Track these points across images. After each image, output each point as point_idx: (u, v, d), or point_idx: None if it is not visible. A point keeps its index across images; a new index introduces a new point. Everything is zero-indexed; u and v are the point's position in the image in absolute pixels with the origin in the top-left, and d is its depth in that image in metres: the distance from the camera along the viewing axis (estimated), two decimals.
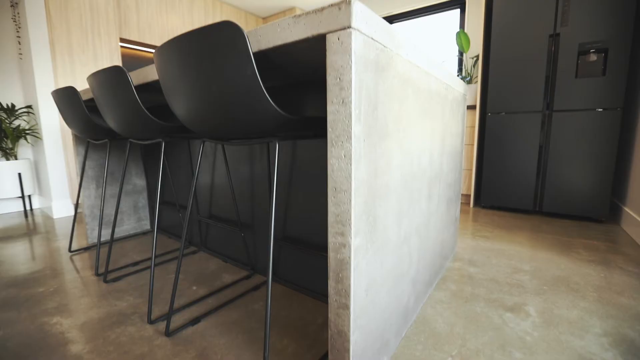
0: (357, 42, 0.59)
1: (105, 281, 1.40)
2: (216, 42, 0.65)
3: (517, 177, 2.44)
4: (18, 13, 2.41)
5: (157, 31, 3.23)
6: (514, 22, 2.33)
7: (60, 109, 1.52)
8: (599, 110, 2.10)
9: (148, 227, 2.17)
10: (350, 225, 0.64)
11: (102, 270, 1.53)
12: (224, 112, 0.74)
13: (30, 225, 2.31)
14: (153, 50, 3.39)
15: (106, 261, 1.56)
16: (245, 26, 4.16)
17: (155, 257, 1.56)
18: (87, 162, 1.85)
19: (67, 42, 2.45)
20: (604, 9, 2.02)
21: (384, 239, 0.79)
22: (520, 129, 2.39)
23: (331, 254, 0.68)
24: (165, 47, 0.76)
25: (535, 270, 1.48)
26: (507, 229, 2.10)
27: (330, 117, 0.63)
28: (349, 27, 0.58)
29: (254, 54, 0.72)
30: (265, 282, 1.38)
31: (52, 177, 2.46)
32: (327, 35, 0.61)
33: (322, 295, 1.23)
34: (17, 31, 2.46)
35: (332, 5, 0.59)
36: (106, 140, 1.51)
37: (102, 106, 1.18)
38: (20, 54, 2.51)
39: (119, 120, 1.14)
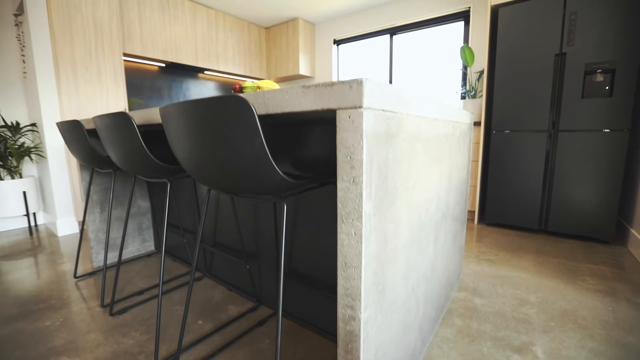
0: (368, 120, 0.59)
1: (111, 314, 1.40)
2: (223, 113, 0.65)
3: (522, 195, 2.43)
4: (22, 32, 2.41)
5: (160, 45, 3.23)
6: (519, 40, 2.31)
7: (65, 139, 1.52)
8: (606, 131, 2.08)
9: (152, 248, 2.17)
10: (360, 299, 0.63)
11: (107, 299, 1.54)
12: (231, 175, 0.73)
13: (35, 244, 2.32)
14: (156, 63, 3.40)
15: (112, 291, 1.56)
16: (249, 35, 4.15)
17: (157, 286, 1.56)
18: (91, 187, 1.85)
19: (71, 60, 2.46)
20: (611, 30, 2.00)
21: (393, 299, 0.78)
22: (525, 147, 2.38)
23: (340, 324, 0.67)
24: (172, 109, 0.75)
25: (541, 302, 1.47)
26: (512, 251, 2.09)
27: (340, 194, 0.62)
28: (360, 107, 0.57)
29: (260, 116, 0.72)
30: (272, 316, 1.37)
31: (56, 195, 2.47)
32: (338, 112, 0.60)
33: (328, 333, 1.22)
34: (22, 50, 2.46)
35: (342, 82, 0.58)
36: (111, 170, 1.50)
37: (107, 145, 1.18)
38: (25, 72, 2.52)
39: (124, 160, 1.14)
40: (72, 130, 1.43)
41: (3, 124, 2.53)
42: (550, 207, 2.33)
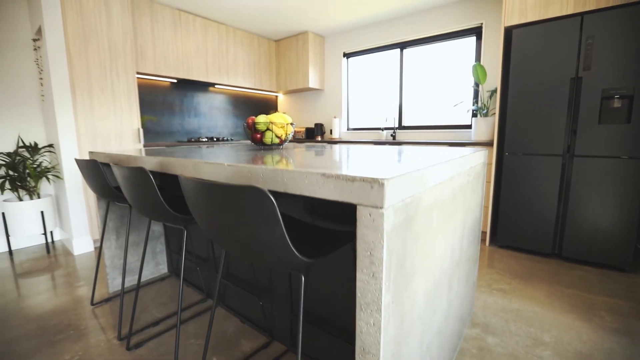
0: (389, 219, 0.59)
1: (128, 348, 1.44)
2: (244, 202, 0.66)
3: (536, 218, 2.40)
4: (40, 56, 2.47)
5: (172, 62, 3.27)
6: (533, 62, 2.28)
7: (84, 174, 1.56)
8: (624, 157, 2.04)
9: (165, 270, 2.21)
10: None
11: (124, 329, 1.57)
12: (250, 252, 0.75)
13: (52, 263, 2.38)
14: (168, 79, 3.44)
15: (130, 321, 1.60)
16: (258, 48, 4.17)
17: (175, 314, 1.60)
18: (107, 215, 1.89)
19: (87, 82, 2.51)
20: (629, 55, 1.96)
21: None
22: (539, 171, 2.34)
23: None
24: (192, 186, 0.77)
25: (556, 342, 1.45)
26: (525, 279, 2.06)
27: (359, 284, 0.63)
28: (382, 207, 0.57)
29: (278, 193, 0.72)
30: (285, 353, 1.39)
31: (72, 214, 2.53)
32: (358, 207, 0.61)
33: None
34: (40, 73, 2.52)
35: (364, 180, 0.59)
36: (127, 205, 1.54)
37: (125, 191, 1.21)
38: (43, 95, 2.58)
39: (141, 207, 1.16)
40: (89, 168, 1.46)
41: (22, 144, 2.60)
42: (565, 232, 2.29)
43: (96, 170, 1.43)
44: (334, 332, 1.22)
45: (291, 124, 1.66)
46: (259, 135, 1.61)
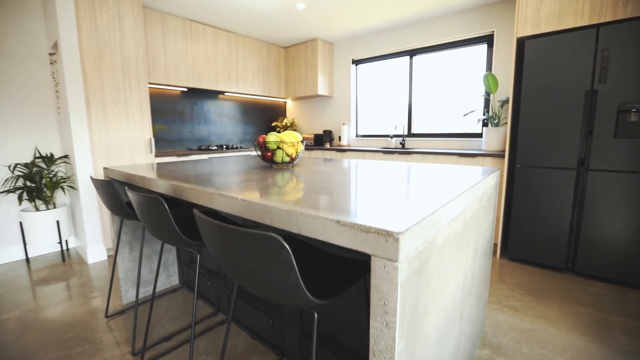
0: (403, 271, 0.59)
1: None
2: (260, 248, 0.67)
3: (548, 232, 2.36)
4: (57, 70, 2.53)
5: (182, 71, 3.32)
6: (546, 73, 2.24)
7: (99, 192, 1.60)
8: None
9: (177, 282, 2.25)
10: None
11: (138, 343, 1.61)
12: (265, 291, 0.76)
13: (67, 272, 2.44)
14: (178, 88, 3.49)
15: (144, 336, 1.63)
16: (267, 55, 4.19)
17: (187, 329, 1.62)
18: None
19: (101, 95, 2.56)
20: None
21: None
22: (551, 184, 2.30)
23: None
24: (207, 226, 0.78)
25: None
26: (537, 296, 2.03)
27: (373, 331, 0.63)
28: (396, 261, 0.58)
29: (290, 234, 0.73)
30: None
31: (86, 224, 2.59)
32: (373, 258, 0.61)
33: None
34: (56, 86, 2.58)
35: (379, 232, 0.59)
36: (141, 223, 1.57)
37: (140, 216, 1.23)
38: (59, 108, 2.64)
39: (156, 232, 1.19)
40: (105, 188, 1.50)
41: (38, 155, 2.67)
42: (579, 247, 2.25)
43: (111, 190, 1.46)
44: (344, 356, 1.23)
45: (302, 141, 1.67)
46: (269, 154, 1.62)
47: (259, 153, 1.64)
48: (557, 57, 2.19)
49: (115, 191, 1.45)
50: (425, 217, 0.67)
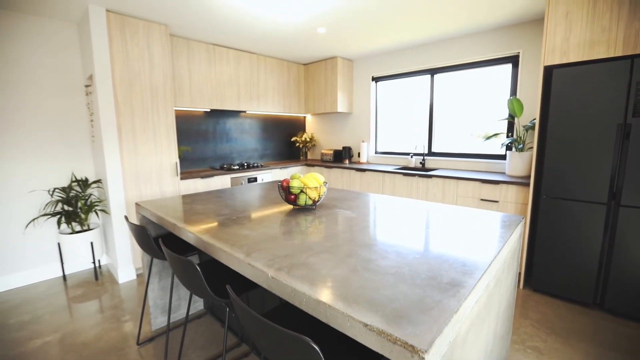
0: None
1: None
2: (293, 349, 0.71)
3: (575, 266, 2.29)
4: (92, 101, 2.68)
5: (206, 94, 3.43)
6: (576, 104, 2.17)
7: (133, 234, 1.70)
8: None
9: (202, 307, 2.34)
10: None
11: None
12: None
13: (100, 292, 2.59)
14: (201, 109, 3.60)
15: None
16: (288, 72, 4.26)
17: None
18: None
19: (131, 123, 2.69)
20: None
21: None
22: (579, 217, 2.23)
23: None
24: (247, 313, 0.83)
25: None
26: (563, 336, 1.98)
27: None
28: None
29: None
30: None
31: (118, 246, 2.74)
32: None
33: None
34: (91, 116, 2.74)
35: (404, 346, 0.62)
36: None
37: (173, 268, 1.30)
38: (93, 136, 2.80)
39: (187, 285, 1.25)
40: (138, 232, 1.59)
41: (74, 179, 2.84)
42: (608, 283, 2.17)
43: (144, 236, 1.55)
44: None
45: (324, 183, 1.71)
46: (292, 197, 1.67)
47: (282, 195, 1.69)
48: (588, 88, 2.12)
49: (148, 236, 1.53)
50: (450, 322, 0.69)
